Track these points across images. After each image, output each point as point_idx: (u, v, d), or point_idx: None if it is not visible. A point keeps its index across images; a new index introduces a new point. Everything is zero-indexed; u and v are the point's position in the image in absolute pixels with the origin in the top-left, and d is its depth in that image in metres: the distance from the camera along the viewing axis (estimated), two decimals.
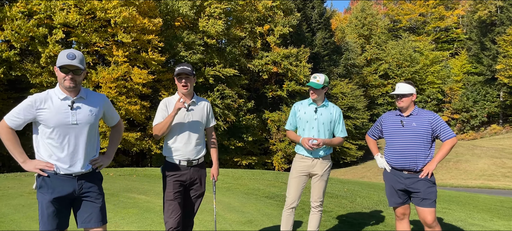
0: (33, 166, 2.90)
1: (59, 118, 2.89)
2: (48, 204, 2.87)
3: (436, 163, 3.97)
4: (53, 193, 2.90)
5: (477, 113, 45.37)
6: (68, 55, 2.88)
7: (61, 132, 2.91)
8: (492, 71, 43.67)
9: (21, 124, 2.88)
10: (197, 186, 3.84)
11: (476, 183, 24.12)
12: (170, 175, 3.71)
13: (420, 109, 4.15)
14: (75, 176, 2.97)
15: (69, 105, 2.94)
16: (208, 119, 3.95)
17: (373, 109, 46.32)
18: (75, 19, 20.16)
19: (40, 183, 2.91)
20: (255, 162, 31.60)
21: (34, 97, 2.89)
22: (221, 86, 28.40)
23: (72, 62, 2.86)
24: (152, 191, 8.16)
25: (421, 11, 56.15)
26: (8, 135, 2.87)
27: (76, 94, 2.98)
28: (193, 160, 3.76)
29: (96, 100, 3.11)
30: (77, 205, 3.04)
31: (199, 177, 3.84)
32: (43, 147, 2.93)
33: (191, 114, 3.79)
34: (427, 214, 3.96)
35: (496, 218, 7.04)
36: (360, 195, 8.77)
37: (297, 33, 36.23)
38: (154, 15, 24.20)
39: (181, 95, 3.78)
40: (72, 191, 2.96)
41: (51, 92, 2.97)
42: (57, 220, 2.92)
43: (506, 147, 33.54)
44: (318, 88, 4.32)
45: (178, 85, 3.75)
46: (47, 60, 19.68)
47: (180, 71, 3.68)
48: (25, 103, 2.87)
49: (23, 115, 2.86)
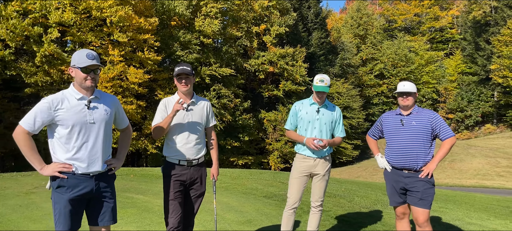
0: (51, 170, 2.87)
1: (77, 117, 2.90)
2: (66, 203, 2.87)
3: (436, 163, 3.98)
4: (72, 193, 2.89)
5: (471, 113, 45.64)
6: (88, 55, 2.91)
7: (79, 131, 2.91)
8: (486, 71, 43.95)
9: (39, 127, 2.84)
10: (197, 186, 3.83)
11: (471, 182, 24.27)
12: (171, 175, 3.70)
13: (420, 108, 4.16)
14: (92, 176, 2.98)
15: (86, 104, 2.95)
16: (208, 119, 3.94)
17: (368, 109, 46.46)
18: (71, 18, 20.04)
19: (59, 182, 2.89)
20: (251, 162, 31.60)
21: (50, 98, 2.87)
22: (217, 86, 28.37)
23: (94, 62, 2.92)
24: (150, 191, 8.13)
25: (416, 11, 56.38)
26: (26, 140, 2.81)
27: (91, 93, 3.01)
28: (193, 160, 3.75)
29: (109, 101, 3.14)
30: (91, 204, 3.06)
31: (199, 177, 3.83)
32: (60, 148, 2.91)
33: (191, 114, 3.77)
34: (420, 214, 3.97)
35: (493, 217, 7.09)
36: (358, 195, 8.79)
37: (293, 33, 36.28)
38: (150, 14, 24.10)
39: (181, 95, 3.78)
40: (90, 190, 2.97)
41: (66, 92, 2.97)
42: (73, 220, 2.92)
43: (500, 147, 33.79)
44: (327, 92, 4.29)
45: (178, 85, 3.74)
46: (42, 59, 19.55)
47: (180, 71, 3.67)
48: (41, 106, 2.84)
49: (41, 118, 2.82)
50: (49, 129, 2.94)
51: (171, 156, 3.73)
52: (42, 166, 2.87)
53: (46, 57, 19.69)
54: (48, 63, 20.20)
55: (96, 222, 3.08)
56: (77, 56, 2.94)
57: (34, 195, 7.20)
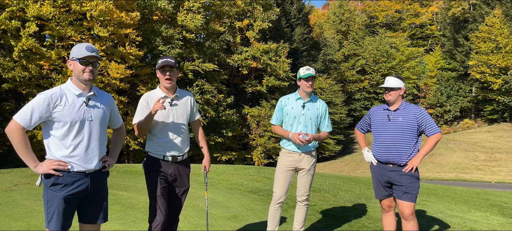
0: (46, 167, 2.78)
1: (75, 114, 2.83)
2: (60, 201, 2.80)
3: (420, 158, 4.03)
4: (67, 191, 2.82)
5: (450, 108, 46.59)
6: (87, 47, 2.87)
7: (76, 129, 2.84)
8: (465, 67, 44.86)
9: (35, 123, 2.74)
10: (181, 182, 3.72)
11: (450, 176, 24.83)
12: (155, 171, 3.60)
13: (408, 104, 4.19)
14: (88, 174, 2.92)
15: (84, 101, 2.89)
16: (192, 113, 3.86)
17: (350, 104, 46.97)
18: (49, 12, 19.58)
19: (54, 180, 2.80)
20: (235, 158, 31.58)
21: (48, 93, 2.78)
22: (200, 81, 28.21)
23: (92, 54, 2.87)
24: (134, 187, 8.03)
25: (397, 8, 57.22)
26: (20, 137, 2.71)
27: (90, 89, 2.95)
28: (178, 156, 3.66)
29: (105, 99, 3.10)
30: (84, 202, 2.99)
31: (184, 173, 3.75)
32: (56, 145, 2.83)
33: (175, 109, 3.67)
34: (406, 208, 4.03)
35: (473, 209, 7.25)
36: (342, 189, 8.87)
37: (276, 28, 36.34)
38: (132, 8, 23.73)
39: (164, 89, 3.66)
40: (85, 188, 2.92)
41: (64, 87, 2.89)
42: (66, 219, 2.86)
43: (478, 141, 34.64)
44: (316, 77, 4.39)
45: (161, 79, 3.61)
46: (20, 54, 19.05)
47: (164, 64, 3.54)
48: (39, 101, 2.74)
49: (38, 113, 2.72)
50: (44, 126, 2.84)
51: (155, 152, 3.62)
52: (36, 163, 2.78)
53: (24, 52, 19.20)
54: (26, 58, 19.70)
55: (88, 220, 3.02)
56: (76, 48, 2.90)
57: (14, 192, 7.02)
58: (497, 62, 39.04)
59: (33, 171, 2.81)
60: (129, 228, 5.15)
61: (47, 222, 2.84)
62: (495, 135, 36.54)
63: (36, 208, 5.89)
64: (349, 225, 5.64)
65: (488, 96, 41.88)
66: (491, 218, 6.58)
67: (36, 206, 6.01)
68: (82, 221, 3.04)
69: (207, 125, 28.27)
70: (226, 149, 31.92)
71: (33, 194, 6.89)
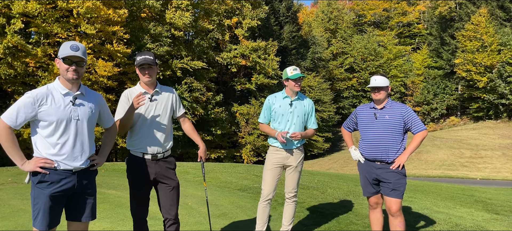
0: (33, 164, 2.79)
1: (61, 113, 2.84)
2: (46, 199, 2.80)
3: (407, 155, 4.10)
4: (54, 188, 2.83)
5: (437, 106, 47.17)
6: (71, 46, 2.86)
7: (62, 127, 2.85)
8: (451, 65, 45.47)
9: (22, 122, 2.76)
10: (167, 179, 3.65)
11: (437, 173, 25.16)
12: (134, 169, 3.59)
13: (393, 102, 4.26)
14: (74, 172, 2.93)
15: (71, 100, 2.90)
16: (175, 108, 3.80)
17: (339, 102, 47.23)
18: (35, 9, 19.29)
19: (40, 178, 2.81)
20: (224, 156, 31.57)
21: (34, 93, 2.80)
22: (189, 79, 28.10)
23: (76, 53, 2.85)
24: (122, 185, 7.99)
25: (385, 6, 57.63)
26: (7, 135, 2.73)
27: (77, 89, 2.95)
28: (158, 153, 3.60)
29: (94, 98, 3.09)
30: (71, 200, 2.99)
31: (167, 169, 3.66)
32: (43, 144, 2.85)
33: (155, 105, 3.61)
34: (393, 204, 4.10)
35: (458, 206, 7.38)
36: (330, 186, 8.94)
37: (265, 26, 36.35)
38: (119, 5, 23.50)
39: (144, 85, 3.64)
40: (72, 186, 2.92)
41: (51, 86, 2.90)
42: (53, 217, 2.85)
43: (464, 138, 35.15)
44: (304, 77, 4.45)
45: (140, 75, 3.59)
46: (5, 51, 18.74)
47: (143, 62, 3.50)
48: (25, 100, 2.76)
49: (24, 113, 2.75)
50: (32, 124, 2.86)
51: (135, 149, 3.59)
52: (23, 161, 2.79)
53: (9, 49, 18.89)
54: (11, 55, 19.39)
55: (75, 218, 3.03)
56: (62, 47, 2.89)
57: (0, 191, 6.93)
58: (482, 60, 39.66)
59: (20, 168, 2.82)
60: (118, 227, 5.14)
61: (33, 219, 2.85)
62: (481, 133, 37.12)
63: (22, 207, 5.84)
64: (337, 221, 5.71)
65: (474, 94, 42.53)
66: (476, 214, 6.72)
67: (23, 205, 5.95)
68: (69, 219, 3.05)
69: (196, 123, 28.18)
70: (215, 147, 31.87)
71: (19, 193, 6.81)
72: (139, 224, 3.70)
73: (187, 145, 26.57)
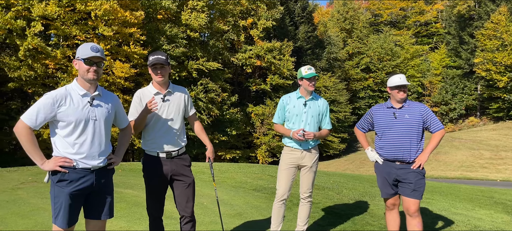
0: (52, 164, 2.88)
1: (79, 114, 2.91)
2: (66, 197, 2.88)
3: (428, 155, 4.06)
4: (73, 187, 2.91)
5: (455, 106, 46.35)
6: (91, 47, 2.94)
7: (81, 127, 2.93)
8: (470, 65, 44.62)
9: (41, 122, 2.84)
10: (183, 176, 3.70)
11: (455, 174, 24.72)
12: (150, 168, 3.66)
13: (410, 101, 4.22)
14: (93, 170, 3.00)
15: (88, 101, 2.97)
16: (187, 108, 3.84)
17: (355, 102, 46.83)
18: (54, 11, 19.69)
19: (60, 177, 2.89)
20: (239, 156, 31.63)
21: (53, 94, 2.88)
22: (204, 80, 28.26)
23: (96, 54, 2.94)
24: (139, 185, 8.07)
25: (401, 6, 56.93)
26: (28, 136, 2.81)
27: (94, 90, 3.03)
28: (173, 151, 3.66)
29: (110, 99, 3.17)
30: (89, 198, 3.07)
31: (183, 167, 3.72)
32: (62, 143, 2.93)
33: (168, 105, 3.67)
34: (412, 204, 4.05)
35: (477, 207, 7.24)
36: (346, 187, 8.88)
37: (280, 26, 36.30)
38: (136, 7, 23.81)
39: (156, 85, 3.69)
40: (90, 184, 2.99)
41: (69, 88, 2.98)
42: (72, 215, 2.93)
43: (484, 139, 34.43)
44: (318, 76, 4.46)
45: (153, 75, 3.64)
46: (25, 53, 19.18)
47: (155, 62, 3.55)
48: (44, 101, 2.84)
49: (43, 114, 2.83)
50: (51, 125, 2.95)
51: (149, 149, 3.66)
52: (43, 161, 2.87)
53: (29, 51, 19.33)
54: (32, 57, 19.83)
55: (94, 215, 3.10)
56: (82, 48, 2.96)
57: (21, 190, 7.09)
58: (502, 59, 38.82)
59: (40, 168, 2.90)
60: (134, 226, 5.20)
61: (54, 217, 2.92)
62: (501, 133, 36.28)
63: (42, 206, 5.96)
64: (352, 222, 5.66)
65: (494, 94, 41.63)
66: (495, 216, 6.58)
67: (43, 204, 6.07)
68: (88, 217, 3.12)
69: (212, 123, 28.33)
70: (230, 148, 31.96)
71: (39, 192, 6.96)
72: (155, 223, 3.76)
73: (202, 146, 26.56)
